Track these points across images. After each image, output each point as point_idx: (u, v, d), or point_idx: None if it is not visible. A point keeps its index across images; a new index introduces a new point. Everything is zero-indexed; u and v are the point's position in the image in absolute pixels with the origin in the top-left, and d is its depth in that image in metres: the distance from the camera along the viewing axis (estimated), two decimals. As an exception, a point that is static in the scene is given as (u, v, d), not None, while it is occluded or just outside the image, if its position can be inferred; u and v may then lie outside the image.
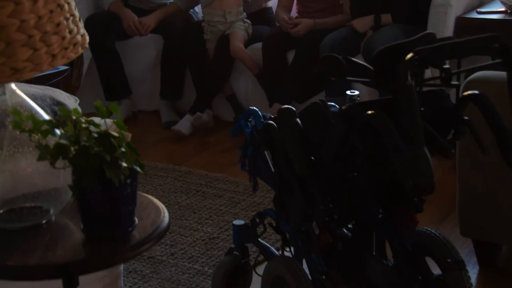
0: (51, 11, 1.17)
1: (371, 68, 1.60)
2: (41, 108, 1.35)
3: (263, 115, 2.05)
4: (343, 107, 1.57)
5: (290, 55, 3.44)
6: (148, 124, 3.77)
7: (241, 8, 3.54)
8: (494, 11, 3.10)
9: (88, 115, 3.72)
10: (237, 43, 3.44)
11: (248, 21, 3.55)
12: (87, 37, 1.27)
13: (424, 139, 1.36)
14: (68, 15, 1.21)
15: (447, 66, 1.44)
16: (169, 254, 2.33)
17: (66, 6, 1.21)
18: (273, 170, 1.87)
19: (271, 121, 1.87)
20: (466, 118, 1.54)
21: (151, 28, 3.64)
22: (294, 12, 3.71)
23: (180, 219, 2.60)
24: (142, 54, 3.79)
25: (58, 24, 1.18)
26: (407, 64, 1.37)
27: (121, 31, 3.65)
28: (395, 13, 3.24)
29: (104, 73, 3.69)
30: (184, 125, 3.44)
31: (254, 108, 2.05)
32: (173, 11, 3.71)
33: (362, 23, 3.28)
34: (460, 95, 1.55)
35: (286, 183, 1.78)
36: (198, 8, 3.87)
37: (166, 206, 2.66)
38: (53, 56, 1.17)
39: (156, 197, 2.76)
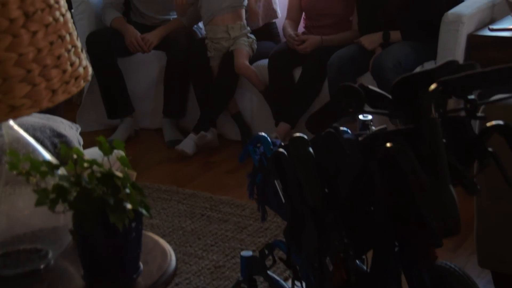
0: (52, 43, 1.08)
1: (389, 96, 1.51)
2: (41, 140, 1.27)
3: (272, 142, 1.96)
4: (360, 138, 1.48)
5: (297, 72, 3.36)
6: (151, 142, 3.68)
7: (244, 22, 3.46)
8: (506, 28, 3.02)
9: (89, 134, 3.66)
10: (241, 60, 3.36)
11: (252, 36, 3.47)
12: (90, 69, 1.18)
13: (449, 176, 1.28)
14: (69, 46, 1.12)
15: (472, 97, 1.35)
16: (173, 284, 2.24)
17: (67, 37, 1.12)
18: (283, 200, 1.78)
19: (282, 149, 1.77)
20: (490, 149, 1.45)
21: (154, 45, 3.56)
22: (301, 27, 3.63)
23: (184, 246, 2.50)
24: (145, 71, 3.71)
25: (59, 57, 1.10)
26: (430, 96, 1.29)
27: (123, 47, 3.57)
28: (405, 30, 3.16)
29: (106, 90, 3.61)
30: (187, 144, 3.36)
31: (263, 134, 1.96)
32: (176, 28, 3.62)
33: (371, 40, 3.20)
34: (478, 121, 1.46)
35: (297, 215, 1.69)
36: (202, 24, 3.78)
37: (170, 232, 2.61)
38: (53, 92, 1.08)
39: (160, 221, 2.71)
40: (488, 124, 1.45)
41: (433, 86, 1.30)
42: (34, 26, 1.06)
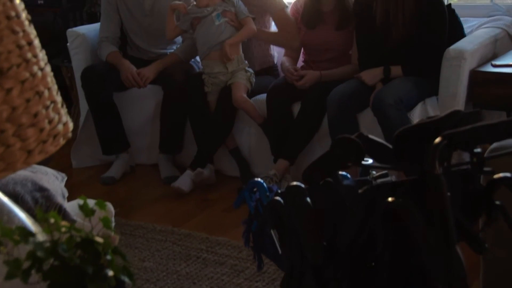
0: (28, 100, 1.01)
1: (390, 146, 1.44)
2: (21, 195, 1.19)
3: (268, 188, 1.88)
4: (361, 190, 1.41)
5: (296, 108, 3.29)
6: (147, 179, 3.60)
7: (242, 55, 3.39)
8: (509, 64, 2.95)
9: (84, 169, 3.57)
10: (239, 93, 3.29)
11: (250, 70, 3.40)
12: (71, 125, 1.10)
13: (456, 236, 1.20)
14: (48, 102, 1.05)
15: (479, 150, 1.27)
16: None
17: (46, 93, 1.05)
18: (280, 251, 1.70)
19: (278, 198, 1.69)
20: (498, 203, 1.37)
21: (150, 80, 3.49)
22: (300, 61, 3.57)
23: (179, 291, 2.41)
24: (141, 106, 3.65)
25: (35, 115, 1.02)
26: (435, 151, 1.21)
27: (119, 82, 3.51)
28: (406, 65, 3.10)
29: (101, 126, 3.54)
30: (184, 181, 3.28)
31: (259, 180, 1.87)
32: (173, 62, 3.57)
33: (371, 76, 3.14)
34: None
35: (295, 266, 1.60)
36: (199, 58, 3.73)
37: (164, 276, 2.51)
38: (29, 152, 1.00)
39: (154, 264, 2.61)
40: (496, 176, 1.37)
41: (437, 140, 1.22)
42: (8, 83, 0.98)
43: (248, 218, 1.88)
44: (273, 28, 3.55)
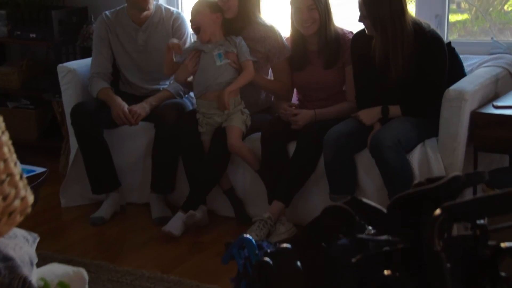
0: (-22, 176, 0.90)
1: (384, 211, 1.32)
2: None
3: (258, 245, 1.77)
4: (354, 259, 1.29)
5: (292, 147, 3.18)
6: (137, 218, 3.48)
7: (239, 97, 3.28)
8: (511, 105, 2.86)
9: (73, 209, 3.45)
10: (234, 138, 3.18)
11: (246, 111, 3.29)
12: (31, 198, 1.00)
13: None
14: (3, 176, 0.94)
15: (482, 222, 1.16)
16: None
17: (1, 165, 0.94)
18: (270, 315, 1.58)
19: (267, 258, 1.57)
20: (503, 274, 1.26)
21: (141, 117, 3.39)
22: (295, 100, 3.48)
23: None
24: (132, 143, 3.54)
25: (-13, 191, 0.91)
26: (433, 225, 1.10)
27: (110, 119, 3.40)
28: (405, 105, 3.00)
29: (91, 164, 3.43)
30: (175, 224, 3.15)
31: (248, 236, 1.77)
32: (165, 98, 3.47)
33: (369, 115, 3.04)
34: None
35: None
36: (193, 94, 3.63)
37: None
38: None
39: (140, 317, 2.49)
40: (502, 245, 1.26)
41: (436, 213, 1.11)
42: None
43: (236, 276, 1.78)
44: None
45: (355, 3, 3.01)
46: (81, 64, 3.66)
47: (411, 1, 3.64)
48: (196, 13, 3.23)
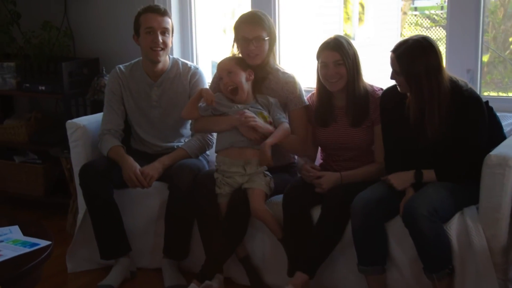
0: None
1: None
2: None
3: None
4: None
5: (316, 212, 2.94)
6: (149, 286, 3.23)
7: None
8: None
9: (78, 274, 3.21)
10: (258, 202, 2.96)
11: (269, 174, 3.07)
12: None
13: None
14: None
15: None
16: None
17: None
18: None
19: None
20: None
21: (154, 179, 3.17)
22: (319, 159, 3.26)
23: None
24: (144, 205, 3.31)
25: None
26: None
27: (120, 179, 3.19)
28: (440, 169, 2.77)
29: (99, 228, 3.20)
30: (189, 297, 2.91)
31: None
32: (180, 158, 3.25)
33: (401, 180, 2.81)
34: None
35: None
36: (210, 152, 3.43)
37: None
38: None
39: None
40: None
41: None
42: None
43: None
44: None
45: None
46: (91, 120, 3.47)
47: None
48: (228, 73, 3.05)
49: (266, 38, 3.07)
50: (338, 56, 2.94)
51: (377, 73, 3.42)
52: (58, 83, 3.96)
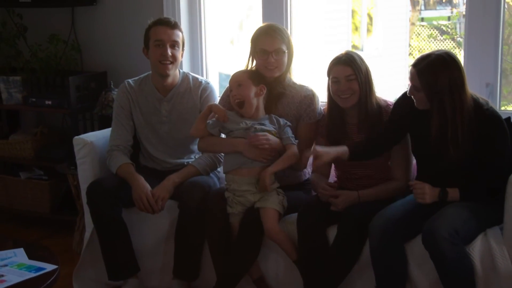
0: None
1: None
2: None
3: None
4: None
5: (332, 232, 2.83)
6: (158, 308, 3.14)
7: (273, 176, 2.96)
8: None
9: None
10: (272, 222, 2.85)
11: (282, 191, 2.97)
12: None
13: None
14: None
15: None
16: None
17: None
18: None
19: None
20: None
21: (166, 201, 3.07)
22: (333, 176, 3.16)
23: None
24: (153, 224, 3.19)
25: None
26: None
27: (130, 198, 3.08)
28: (464, 189, 2.65)
29: (107, 248, 3.10)
30: (200, 320, 2.80)
31: None
32: (191, 175, 3.15)
33: (430, 194, 2.67)
34: None
35: None
36: (221, 169, 3.33)
37: None
38: None
39: None
40: None
41: None
42: None
43: None
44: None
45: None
46: (99, 136, 3.38)
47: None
48: (238, 85, 2.96)
49: (285, 51, 2.99)
50: (350, 71, 2.85)
51: (385, 84, 3.32)
52: (65, 98, 3.89)
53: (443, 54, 2.61)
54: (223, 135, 3.07)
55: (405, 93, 2.79)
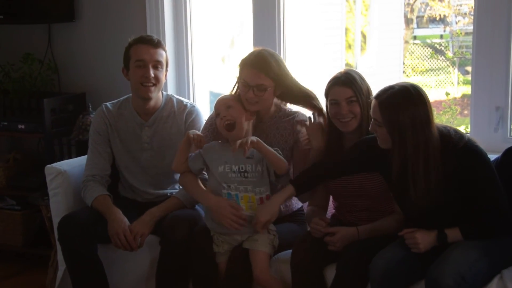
0: None
1: None
2: None
3: None
4: None
5: (330, 272, 2.57)
6: None
7: None
8: None
9: None
10: (261, 268, 2.60)
11: (273, 228, 2.70)
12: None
13: None
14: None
15: None
16: None
17: None
18: None
19: None
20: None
21: (146, 237, 2.81)
22: (331, 208, 2.89)
23: None
24: (132, 262, 2.93)
25: None
26: None
27: (107, 234, 2.82)
28: (466, 226, 2.38)
29: (81, 288, 2.83)
30: None
31: None
32: (174, 208, 2.88)
33: (426, 240, 2.42)
34: None
35: None
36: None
37: None
38: None
39: None
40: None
41: None
42: None
43: None
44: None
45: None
46: (74, 164, 3.12)
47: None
48: (227, 107, 2.71)
49: (268, 88, 2.73)
50: (350, 92, 2.61)
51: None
52: (40, 121, 3.62)
53: (408, 86, 2.36)
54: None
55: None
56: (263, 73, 2.71)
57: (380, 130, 2.39)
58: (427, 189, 2.34)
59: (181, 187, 3.03)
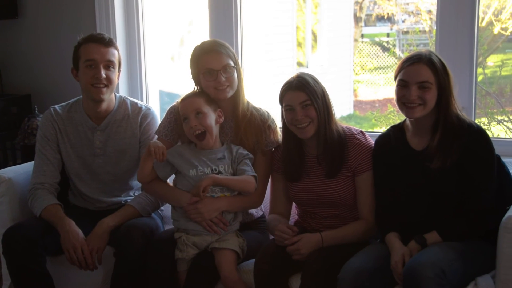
0: None
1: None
2: None
3: None
4: None
5: (295, 282, 2.47)
6: None
7: (233, 214, 2.62)
8: None
9: None
10: (229, 269, 2.51)
11: (242, 235, 2.63)
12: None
13: None
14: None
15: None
16: None
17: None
18: None
19: None
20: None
21: (102, 252, 2.66)
22: (294, 214, 2.79)
23: None
24: (85, 275, 2.74)
25: None
26: None
27: (57, 245, 2.66)
28: (445, 229, 2.34)
29: (29, 306, 2.64)
30: None
31: None
32: (129, 217, 2.73)
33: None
34: None
35: None
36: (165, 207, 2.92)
37: None
38: None
39: None
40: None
41: None
42: None
43: None
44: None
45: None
46: (19, 171, 2.94)
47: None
48: (196, 114, 2.59)
49: (234, 66, 2.64)
50: (304, 96, 2.52)
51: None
52: (-19, 125, 3.43)
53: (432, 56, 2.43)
54: None
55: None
56: (223, 53, 2.63)
57: (429, 94, 2.38)
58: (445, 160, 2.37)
59: (135, 194, 2.90)
